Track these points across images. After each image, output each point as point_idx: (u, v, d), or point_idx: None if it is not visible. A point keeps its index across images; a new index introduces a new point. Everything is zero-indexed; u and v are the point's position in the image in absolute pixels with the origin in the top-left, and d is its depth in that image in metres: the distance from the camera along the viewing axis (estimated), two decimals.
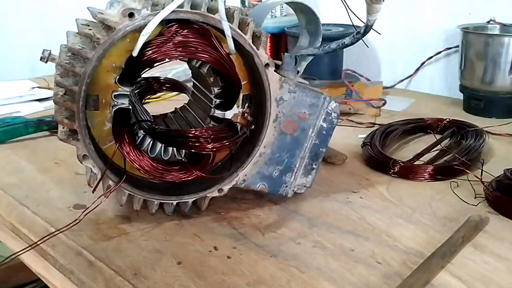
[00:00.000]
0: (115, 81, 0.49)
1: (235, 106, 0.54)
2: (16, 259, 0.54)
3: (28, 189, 0.63)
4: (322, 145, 0.57)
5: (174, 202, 0.54)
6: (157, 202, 0.53)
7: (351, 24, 0.62)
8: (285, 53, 0.59)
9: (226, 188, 0.55)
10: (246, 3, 1.21)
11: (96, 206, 0.51)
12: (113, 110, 0.51)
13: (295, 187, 0.58)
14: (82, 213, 0.50)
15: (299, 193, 0.59)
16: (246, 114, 0.55)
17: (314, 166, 0.58)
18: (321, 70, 1.08)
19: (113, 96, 0.50)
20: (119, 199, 0.52)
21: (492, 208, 0.57)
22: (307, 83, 0.57)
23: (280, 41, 1.16)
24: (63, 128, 0.49)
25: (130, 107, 0.51)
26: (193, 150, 0.53)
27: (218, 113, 0.55)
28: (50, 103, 0.96)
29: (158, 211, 0.55)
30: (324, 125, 0.57)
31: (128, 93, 0.51)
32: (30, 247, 0.51)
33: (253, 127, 0.55)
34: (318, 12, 0.63)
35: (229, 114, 0.54)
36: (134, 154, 0.51)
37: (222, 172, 0.55)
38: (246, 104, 0.55)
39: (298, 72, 0.59)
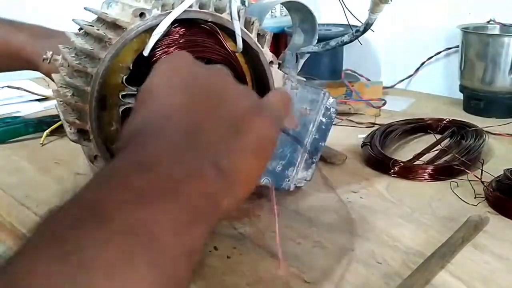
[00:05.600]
0: (122, 81, 0.50)
1: None
2: None
3: (28, 189, 0.63)
4: (322, 140, 0.58)
5: None
6: None
7: (348, 23, 0.63)
8: (286, 51, 0.59)
9: None
10: (246, 3, 1.21)
11: None
12: (121, 110, 0.51)
13: (296, 181, 0.58)
14: None
15: (299, 192, 0.59)
16: None
17: (314, 160, 0.59)
18: (321, 70, 1.08)
19: (120, 96, 0.50)
20: None
21: (492, 208, 0.57)
22: (305, 79, 0.58)
23: (280, 41, 1.16)
24: (70, 129, 0.49)
25: None
26: None
27: None
28: (50, 103, 0.96)
29: None
30: (324, 120, 0.58)
31: (136, 93, 0.51)
32: None
33: None
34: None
35: None
36: None
37: None
38: None
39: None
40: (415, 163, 0.69)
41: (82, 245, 0.22)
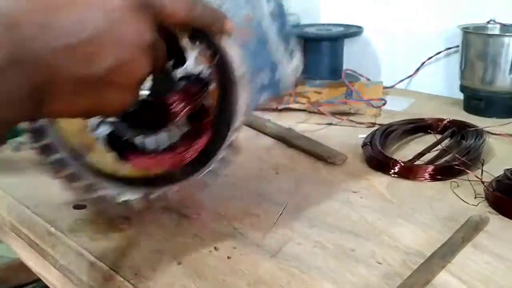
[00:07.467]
0: None
1: (188, 52, 0.47)
2: (16, 259, 0.54)
3: (28, 189, 0.63)
4: (285, 24, 0.54)
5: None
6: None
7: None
8: None
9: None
10: None
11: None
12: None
13: (289, 74, 0.56)
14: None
15: (299, 192, 0.59)
16: (203, 50, 0.47)
17: (292, 47, 0.55)
18: (321, 70, 1.08)
19: None
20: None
21: (492, 208, 0.57)
22: None
23: None
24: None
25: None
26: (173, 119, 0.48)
27: (180, 72, 0.47)
28: None
29: (158, 210, 0.55)
30: (271, 6, 0.54)
31: None
32: None
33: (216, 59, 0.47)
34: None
35: (190, 65, 0.47)
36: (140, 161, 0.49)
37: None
38: (196, 43, 0.46)
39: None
40: (415, 163, 0.69)
41: None
